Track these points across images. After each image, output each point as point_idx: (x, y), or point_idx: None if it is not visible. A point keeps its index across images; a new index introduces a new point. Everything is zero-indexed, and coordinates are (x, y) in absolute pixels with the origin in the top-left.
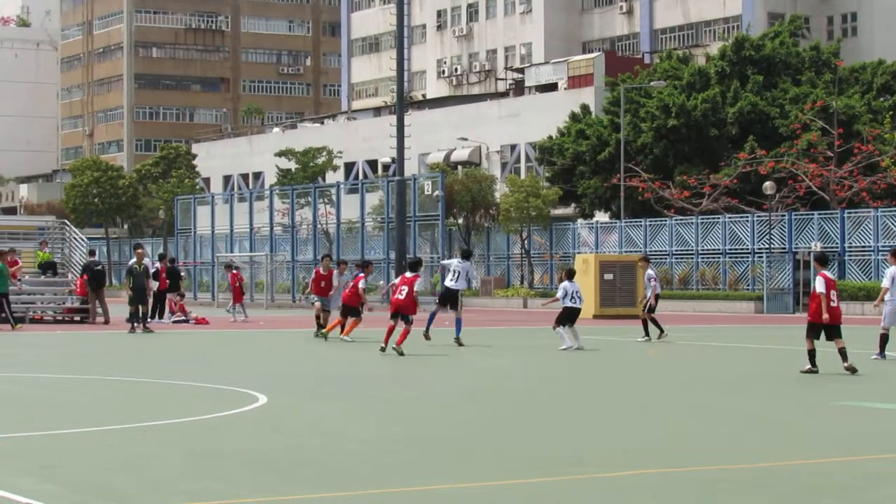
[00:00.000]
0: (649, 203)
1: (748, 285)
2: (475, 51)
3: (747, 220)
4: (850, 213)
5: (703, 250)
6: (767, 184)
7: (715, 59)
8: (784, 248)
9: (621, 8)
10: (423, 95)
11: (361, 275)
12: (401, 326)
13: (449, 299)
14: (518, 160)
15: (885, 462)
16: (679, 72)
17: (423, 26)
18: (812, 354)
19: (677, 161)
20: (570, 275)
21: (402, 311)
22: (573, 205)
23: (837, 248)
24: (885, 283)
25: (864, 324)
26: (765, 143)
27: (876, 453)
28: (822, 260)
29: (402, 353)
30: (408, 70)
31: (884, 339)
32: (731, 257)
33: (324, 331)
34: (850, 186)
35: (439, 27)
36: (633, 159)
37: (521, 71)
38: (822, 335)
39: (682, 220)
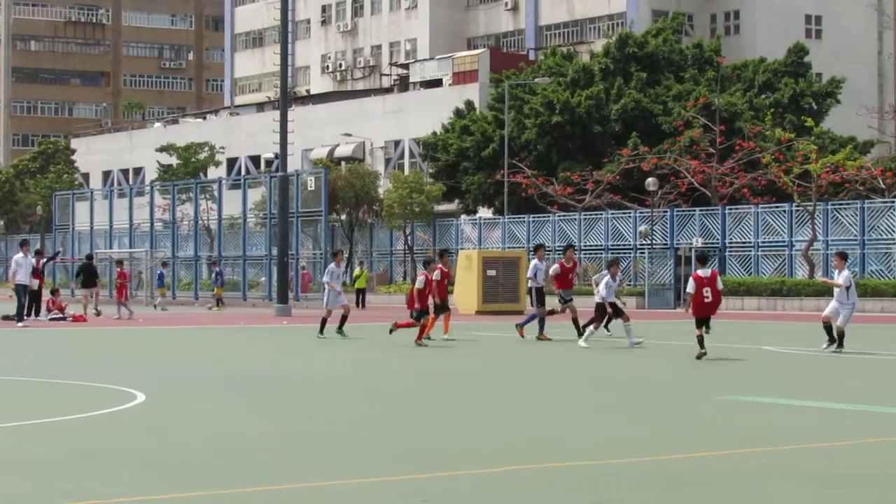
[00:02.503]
0: (533, 199)
1: (630, 281)
2: (360, 46)
3: (630, 216)
4: (731, 209)
5: (585, 246)
6: (650, 180)
7: (599, 56)
8: (666, 244)
9: (506, 4)
10: (307, 91)
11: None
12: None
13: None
14: (402, 156)
15: (765, 455)
16: (563, 68)
17: (308, 21)
18: (700, 340)
19: (561, 157)
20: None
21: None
22: (457, 201)
23: (718, 243)
24: (840, 280)
25: (744, 318)
26: (648, 140)
27: (756, 446)
28: (702, 259)
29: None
30: (291, 65)
31: (841, 334)
32: (614, 253)
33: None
34: (732, 183)
35: (324, 22)
36: (516, 155)
37: (405, 67)
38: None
39: (565, 216)
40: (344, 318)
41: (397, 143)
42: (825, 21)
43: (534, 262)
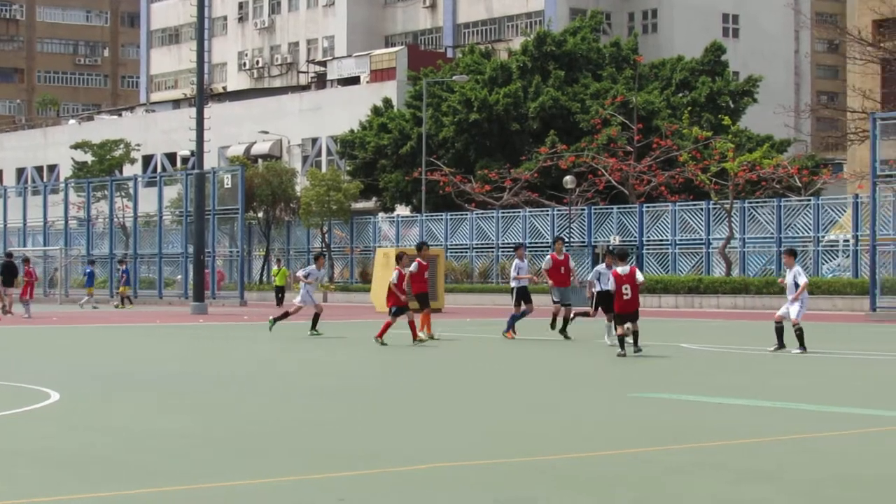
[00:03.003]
0: (450, 197)
1: (547, 278)
2: (277, 43)
3: (548, 214)
4: (648, 207)
5: (503, 244)
6: (568, 178)
7: (517, 54)
8: (584, 242)
9: (424, 2)
10: (224, 88)
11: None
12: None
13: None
14: (319, 154)
15: (677, 453)
16: (481, 66)
17: (225, 18)
18: (621, 339)
19: (479, 155)
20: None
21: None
22: (374, 198)
23: (636, 241)
24: (803, 279)
25: (661, 316)
26: (566, 138)
27: (674, 444)
28: (621, 256)
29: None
30: (208, 62)
31: (800, 331)
32: (531, 251)
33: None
34: (649, 181)
35: (241, 19)
36: (434, 153)
37: (323, 64)
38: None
39: (483, 213)
40: (316, 318)
41: (314, 140)
42: (742, 20)
43: (515, 261)
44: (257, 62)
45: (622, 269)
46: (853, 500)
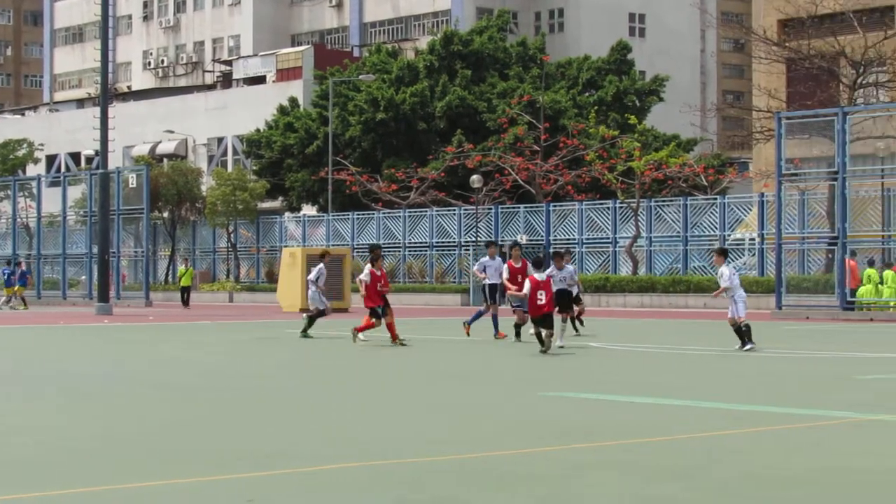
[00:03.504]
0: (357, 196)
1: (455, 278)
2: (182, 42)
3: (454, 214)
4: (555, 206)
5: (410, 243)
6: (474, 177)
7: (424, 53)
8: (491, 241)
9: (331, 1)
10: (129, 87)
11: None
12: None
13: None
14: (225, 153)
15: (586, 451)
16: (388, 66)
17: (129, 17)
18: (539, 336)
19: (386, 154)
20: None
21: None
22: (281, 198)
23: (543, 241)
24: (724, 282)
25: None
26: (472, 137)
27: (581, 442)
28: (537, 263)
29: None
30: (113, 61)
31: (746, 327)
32: (438, 250)
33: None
34: (556, 180)
35: (146, 18)
36: (341, 152)
37: (228, 63)
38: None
39: (389, 213)
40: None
41: (220, 140)
42: (649, 19)
43: (484, 258)
44: (162, 61)
45: (539, 276)
46: (762, 498)
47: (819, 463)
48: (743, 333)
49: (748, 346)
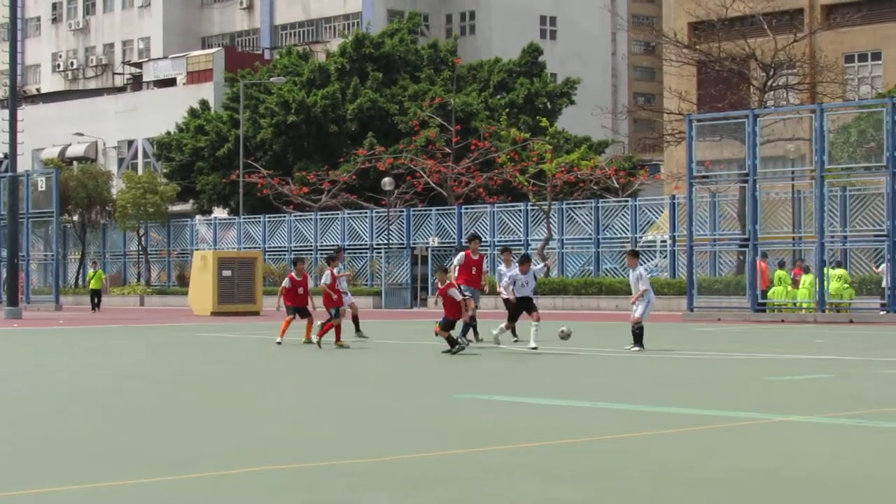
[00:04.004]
0: (269, 199)
1: (367, 281)
2: (92, 45)
3: (366, 216)
4: (467, 208)
5: (322, 246)
6: (386, 180)
7: (335, 55)
8: (402, 244)
9: (241, 3)
10: (38, 90)
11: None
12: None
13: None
14: (135, 156)
15: (500, 453)
16: (299, 68)
17: (38, 19)
18: (450, 339)
19: (297, 157)
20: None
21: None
22: (192, 201)
23: (455, 243)
24: (644, 284)
25: (480, 317)
26: (384, 140)
27: (492, 445)
28: (444, 269)
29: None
30: (21, 63)
31: (639, 330)
32: (350, 253)
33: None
34: (468, 183)
35: (55, 20)
36: (252, 155)
37: (138, 66)
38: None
39: (301, 216)
40: (356, 318)
41: (130, 142)
42: (560, 22)
43: (501, 267)
44: (72, 63)
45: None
46: (671, 499)
47: (728, 465)
48: (637, 336)
49: (636, 349)
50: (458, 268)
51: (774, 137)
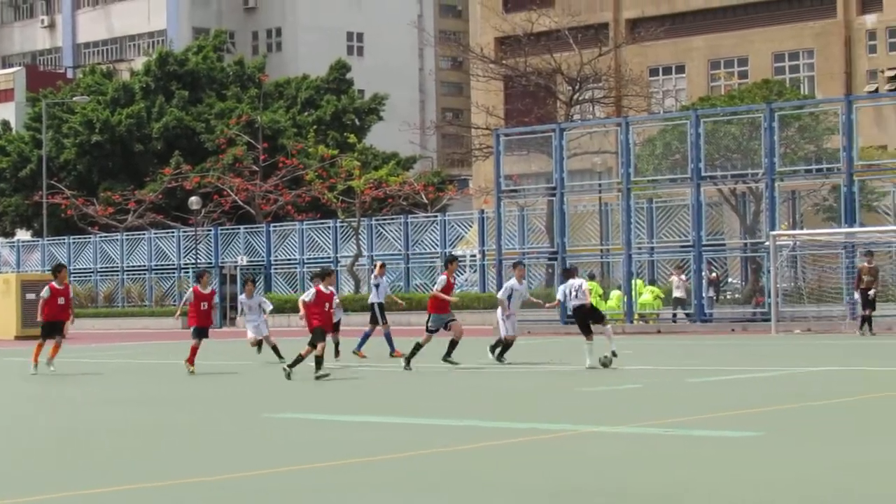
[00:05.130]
0: (73, 220)
1: (174, 301)
2: None
3: (173, 236)
4: (275, 226)
5: (128, 267)
6: (193, 199)
7: (139, 74)
8: (211, 263)
9: (42, 21)
10: None
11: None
12: None
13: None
14: None
15: (317, 472)
16: (103, 87)
17: None
18: (317, 359)
19: (102, 177)
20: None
21: None
22: None
23: (264, 261)
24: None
25: (291, 336)
26: (191, 158)
27: (306, 463)
28: (321, 275)
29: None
30: None
31: (506, 343)
32: (157, 273)
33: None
34: (276, 200)
35: None
36: (56, 176)
37: None
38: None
39: (106, 236)
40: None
41: None
42: (367, 38)
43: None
44: None
45: (324, 288)
46: None
47: (535, 478)
48: (504, 346)
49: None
50: (441, 291)
51: (581, 151)
